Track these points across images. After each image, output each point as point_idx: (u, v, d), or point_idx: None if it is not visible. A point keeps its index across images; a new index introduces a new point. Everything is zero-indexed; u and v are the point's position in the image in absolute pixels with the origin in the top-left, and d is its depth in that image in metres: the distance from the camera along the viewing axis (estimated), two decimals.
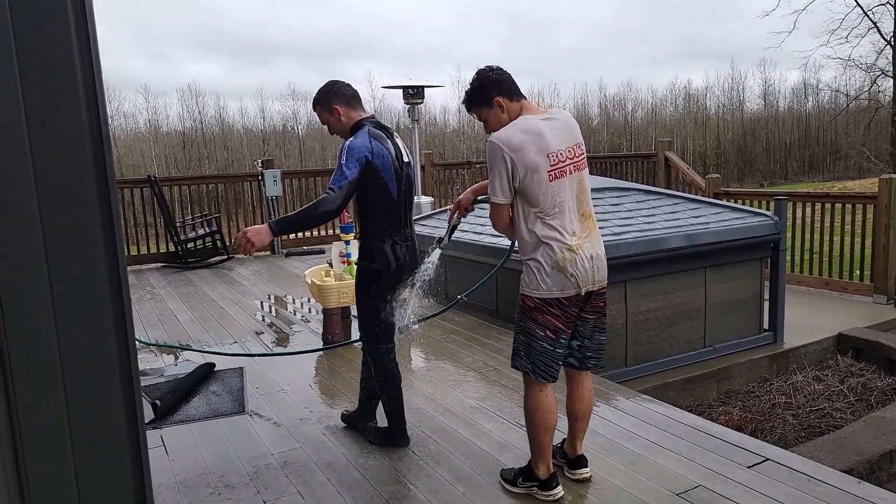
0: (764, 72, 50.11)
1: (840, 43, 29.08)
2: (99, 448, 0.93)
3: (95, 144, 0.85)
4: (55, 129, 0.84)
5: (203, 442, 3.42)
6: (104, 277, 0.91)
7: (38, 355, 0.87)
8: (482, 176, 11.54)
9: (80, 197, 0.87)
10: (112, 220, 0.89)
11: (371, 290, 3.08)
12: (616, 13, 61.37)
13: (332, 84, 3.15)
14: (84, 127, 0.84)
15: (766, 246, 5.68)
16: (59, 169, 0.85)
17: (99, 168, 0.85)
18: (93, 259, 0.90)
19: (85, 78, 0.83)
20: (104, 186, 0.86)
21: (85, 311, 0.90)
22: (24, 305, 0.86)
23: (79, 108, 0.83)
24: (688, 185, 9.37)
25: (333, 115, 3.10)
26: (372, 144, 2.96)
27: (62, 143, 0.84)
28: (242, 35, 51.27)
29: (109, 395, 0.94)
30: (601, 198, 5.67)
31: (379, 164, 2.96)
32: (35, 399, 0.88)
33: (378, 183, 2.97)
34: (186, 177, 14.24)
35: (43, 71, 0.82)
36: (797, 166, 39.26)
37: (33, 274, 0.85)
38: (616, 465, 3.01)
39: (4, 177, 0.81)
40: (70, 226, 0.87)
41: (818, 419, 4.81)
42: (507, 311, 5.29)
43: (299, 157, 33.92)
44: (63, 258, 0.87)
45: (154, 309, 6.37)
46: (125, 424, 0.95)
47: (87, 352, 0.92)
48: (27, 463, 0.88)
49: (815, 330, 5.95)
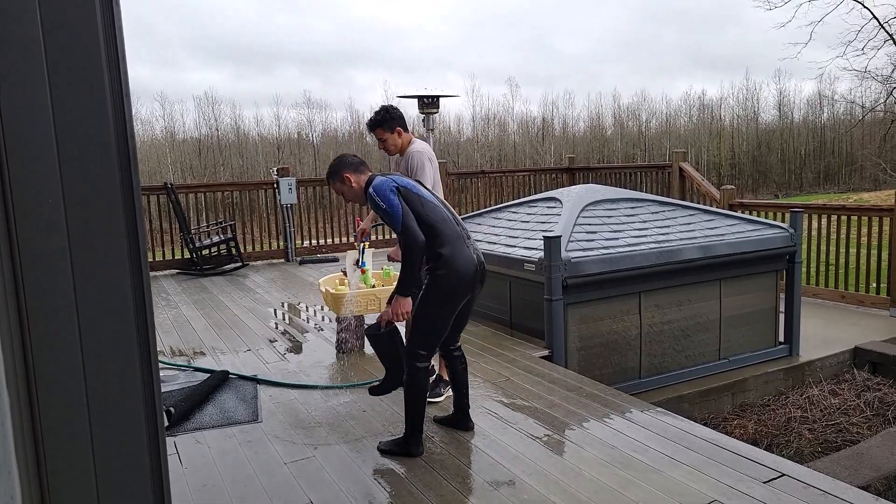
0: (779, 82, 49.85)
1: (856, 55, 28.88)
2: (119, 454, 0.94)
3: (122, 160, 0.87)
4: (84, 144, 0.85)
5: (217, 450, 3.43)
6: (128, 288, 0.93)
7: (62, 364, 0.88)
8: (496, 185, 11.55)
9: (106, 211, 0.88)
10: (137, 233, 0.90)
11: (442, 297, 3.17)
12: (621, 22, 61.44)
13: (339, 158, 3.43)
14: (112, 143, 0.86)
15: (781, 258, 5.65)
16: (87, 184, 0.87)
17: (125, 184, 0.87)
18: (119, 269, 0.91)
19: (114, 95, 0.85)
20: (130, 203, 0.87)
21: (110, 321, 0.92)
22: (50, 316, 0.87)
23: (107, 125, 0.84)
24: (702, 196, 9.32)
25: (346, 184, 3.34)
26: (391, 177, 3.21)
27: (90, 158, 0.85)
28: (245, 43, 51.93)
29: (131, 402, 0.95)
30: (616, 209, 5.66)
31: (409, 186, 3.17)
32: (58, 406, 0.89)
33: (417, 200, 3.15)
34: (202, 184, 14.36)
35: (73, 87, 0.84)
36: (812, 177, 38.98)
37: (60, 286, 0.87)
38: (630, 478, 2.99)
39: (34, 191, 0.82)
40: (96, 239, 0.89)
41: (834, 434, 4.76)
42: (520, 321, 5.28)
43: (314, 164, 34.12)
44: (89, 270, 0.89)
45: (169, 316, 6.41)
46: (146, 430, 0.96)
47: (110, 361, 0.93)
48: (49, 472, 0.89)
49: (831, 343, 5.89)
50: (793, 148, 39.68)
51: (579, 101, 57.01)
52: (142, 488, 0.97)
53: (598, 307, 4.93)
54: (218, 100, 37.12)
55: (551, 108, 40.95)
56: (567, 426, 3.59)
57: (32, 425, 0.85)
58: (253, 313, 6.43)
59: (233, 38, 53.09)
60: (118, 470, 0.95)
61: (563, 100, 48.69)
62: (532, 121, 40.47)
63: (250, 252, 9.60)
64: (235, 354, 5.08)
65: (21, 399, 0.84)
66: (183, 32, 54.35)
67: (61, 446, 0.90)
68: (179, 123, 34.11)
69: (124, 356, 0.95)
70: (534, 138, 39.68)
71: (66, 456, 0.90)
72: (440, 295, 3.15)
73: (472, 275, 3.19)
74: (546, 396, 3.99)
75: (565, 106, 46.52)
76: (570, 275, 4.68)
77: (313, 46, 57.09)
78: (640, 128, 40.74)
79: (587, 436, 3.45)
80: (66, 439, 0.90)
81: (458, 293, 3.18)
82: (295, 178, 9.46)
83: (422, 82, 54.53)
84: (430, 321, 3.19)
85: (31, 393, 0.86)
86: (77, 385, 0.90)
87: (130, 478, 0.96)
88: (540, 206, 6.03)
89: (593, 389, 4.09)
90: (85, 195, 0.85)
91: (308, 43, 57.42)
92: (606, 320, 4.97)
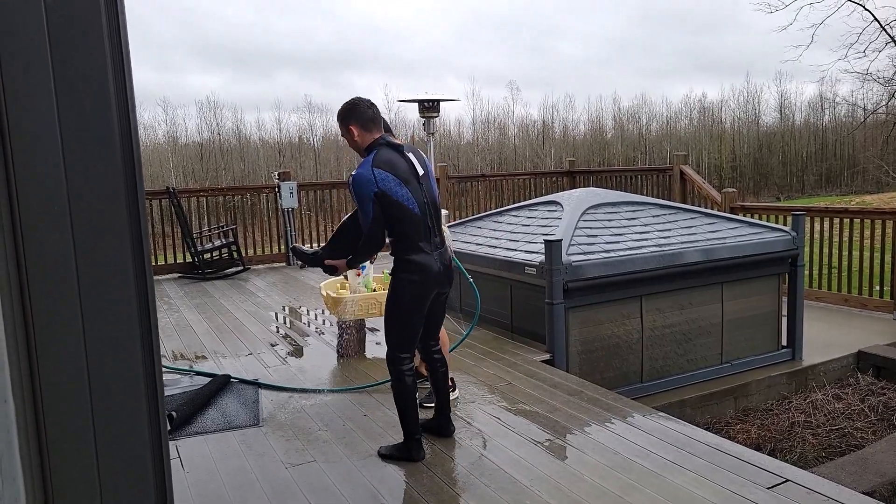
0: (780, 85, 49.91)
1: (857, 57, 28.94)
2: (123, 456, 0.94)
3: (127, 165, 0.87)
4: (89, 150, 0.85)
5: (218, 454, 3.43)
6: (132, 293, 0.93)
7: (67, 369, 0.89)
8: (496, 188, 11.55)
9: (110, 216, 0.88)
10: (141, 238, 0.90)
11: (406, 299, 3.18)
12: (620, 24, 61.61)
13: (353, 102, 3.25)
14: (116, 148, 0.86)
15: (783, 261, 5.64)
16: (91, 189, 0.87)
17: (129, 190, 0.87)
18: (122, 273, 0.91)
19: (118, 101, 0.85)
20: (134, 208, 0.87)
21: (113, 325, 0.92)
22: (54, 321, 0.87)
23: (112, 131, 0.84)
24: (703, 199, 9.31)
25: (349, 134, 3.23)
26: (375, 174, 3.06)
27: (95, 163, 0.86)
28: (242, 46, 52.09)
29: (134, 405, 0.95)
30: (616, 212, 5.65)
31: (388, 189, 3.06)
32: (62, 411, 0.89)
33: (395, 205, 3.08)
34: (204, 188, 14.37)
35: (78, 98, 0.84)
36: (814, 180, 38.98)
37: (64, 292, 0.87)
38: (632, 483, 2.98)
39: (39, 196, 0.83)
40: (100, 244, 0.89)
41: (838, 439, 4.74)
42: (521, 325, 5.28)
43: (315, 168, 34.17)
44: (93, 275, 0.89)
45: (171, 319, 6.41)
46: (148, 432, 0.96)
47: (114, 366, 0.93)
48: (53, 477, 0.89)
49: (834, 347, 5.88)
50: (794, 150, 39.68)
51: (579, 104, 57.03)
52: (145, 492, 0.97)
53: (599, 311, 4.93)
54: (220, 104, 37.18)
55: (551, 112, 41.00)
56: (568, 430, 3.58)
57: (37, 431, 0.85)
58: (254, 317, 6.43)
59: (230, 41, 53.31)
60: (121, 474, 0.95)
61: (563, 103, 48.67)
62: (532, 124, 40.54)
63: (252, 256, 9.60)
64: (237, 358, 5.08)
65: (26, 405, 0.84)
66: (180, 35, 54.54)
67: (65, 451, 0.90)
68: (182, 128, 34.20)
69: (128, 361, 0.95)
70: (534, 141, 39.72)
71: (70, 461, 0.90)
72: (405, 296, 3.18)
73: (435, 275, 3.21)
74: (547, 401, 3.98)
75: (565, 109, 46.62)
76: (571, 278, 4.68)
77: (311, 50, 57.29)
78: (641, 131, 40.76)
79: (589, 440, 3.44)
80: (70, 444, 0.90)
81: (423, 294, 3.21)
82: (296, 182, 9.47)
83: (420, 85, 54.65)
84: (401, 322, 3.22)
85: (35, 399, 0.86)
86: (81, 390, 0.90)
87: (133, 482, 0.96)
88: (540, 209, 6.03)
89: (595, 394, 4.08)
90: (90, 200, 0.86)
91: (306, 46, 57.60)
92: (608, 324, 4.96)
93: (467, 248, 5.80)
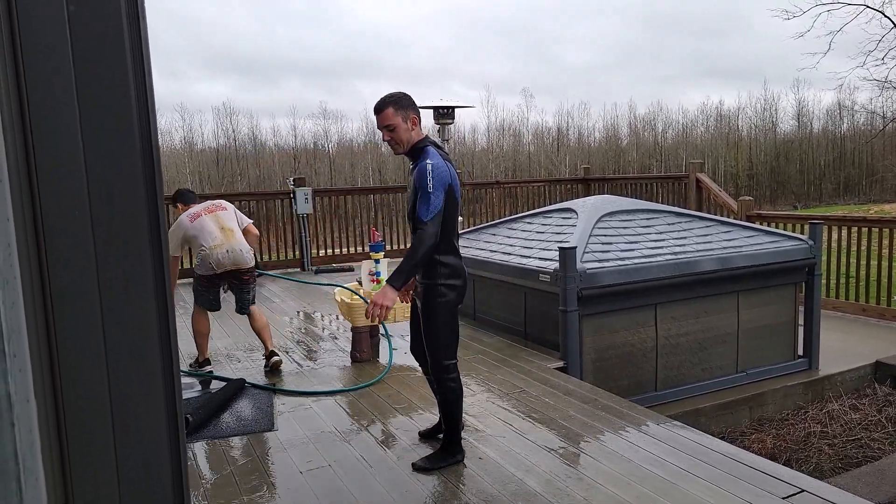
0: (797, 92, 49.52)
1: (876, 64, 28.65)
2: (141, 457, 0.95)
3: (148, 180, 0.89)
4: (110, 158, 0.87)
5: (233, 458, 3.45)
6: (151, 298, 0.94)
7: (87, 372, 0.90)
8: (511, 195, 11.55)
9: (130, 222, 0.90)
10: (160, 246, 0.92)
11: (451, 306, 3.15)
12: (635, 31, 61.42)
13: (407, 95, 3.14)
14: (137, 156, 0.88)
15: (800, 270, 5.59)
16: (111, 197, 0.89)
17: (150, 202, 0.89)
18: (142, 279, 0.93)
19: (139, 111, 0.87)
20: (154, 215, 0.89)
21: (133, 329, 0.93)
22: (75, 325, 0.89)
23: (133, 144, 0.86)
24: (720, 207, 9.25)
25: (407, 124, 3.08)
26: (449, 168, 3.04)
27: (116, 172, 0.88)
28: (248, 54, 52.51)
29: (153, 407, 0.96)
30: (632, 220, 5.64)
31: (455, 185, 3.06)
32: (83, 413, 0.91)
33: (454, 203, 3.06)
34: (220, 193, 14.49)
35: (101, 105, 0.86)
36: (832, 188, 38.57)
37: (85, 295, 0.89)
38: (647, 492, 2.96)
39: (62, 205, 0.85)
40: (120, 250, 0.91)
41: (855, 449, 4.69)
42: (535, 332, 5.27)
43: (329, 174, 34.34)
44: (113, 281, 0.91)
45: (187, 323, 6.46)
46: (166, 434, 0.97)
47: (133, 369, 0.95)
48: (73, 476, 0.91)
49: (851, 357, 5.81)
50: (812, 159, 39.31)
51: (595, 112, 57.01)
52: (162, 493, 0.98)
53: (613, 319, 4.91)
54: (235, 110, 37.58)
55: (566, 118, 40.99)
56: (582, 438, 3.57)
57: (59, 432, 0.87)
58: (269, 322, 6.46)
59: (236, 49, 53.77)
60: (140, 474, 0.97)
61: (578, 110, 48.75)
62: (547, 131, 40.53)
63: (266, 261, 9.66)
64: (252, 362, 5.12)
65: (48, 407, 0.86)
66: (186, 43, 55.12)
67: (85, 452, 0.91)
68: (198, 134, 34.55)
69: (147, 364, 0.96)
70: (549, 148, 39.68)
71: (89, 461, 0.92)
72: (452, 304, 3.16)
73: (466, 281, 3.24)
74: (561, 408, 3.97)
75: (580, 116, 46.54)
76: (585, 286, 4.67)
77: (318, 58, 57.67)
78: (657, 138, 40.61)
79: (603, 448, 3.42)
80: (90, 445, 0.92)
81: (460, 300, 3.22)
82: (311, 189, 9.53)
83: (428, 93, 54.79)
84: (448, 329, 3.19)
85: (57, 401, 0.88)
86: (101, 392, 0.92)
87: (152, 482, 0.98)
88: (555, 216, 6.02)
89: (609, 402, 4.06)
90: (110, 207, 0.87)
91: (313, 54, 57.99)
92: (622, 332, 4.94)
93: (481, 254, 5.81)
